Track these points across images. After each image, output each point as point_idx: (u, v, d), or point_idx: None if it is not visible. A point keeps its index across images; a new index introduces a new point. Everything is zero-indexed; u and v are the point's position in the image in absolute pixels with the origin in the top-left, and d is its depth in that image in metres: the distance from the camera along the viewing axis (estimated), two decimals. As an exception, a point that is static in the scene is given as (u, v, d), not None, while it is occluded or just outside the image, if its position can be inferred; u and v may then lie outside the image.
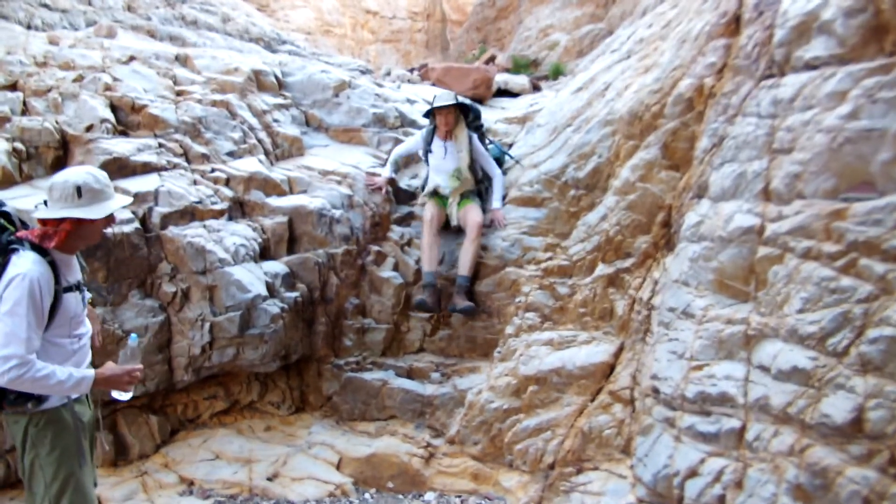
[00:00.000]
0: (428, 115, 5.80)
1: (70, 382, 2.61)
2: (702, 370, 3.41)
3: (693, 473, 3.25)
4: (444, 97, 5.61)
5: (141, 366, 2.90)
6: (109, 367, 2.79)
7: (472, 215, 5.35)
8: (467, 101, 5.71)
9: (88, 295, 3.02)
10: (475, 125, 5.78)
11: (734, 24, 4.10)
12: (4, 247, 2.60)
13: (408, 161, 6.28)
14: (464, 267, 5.20)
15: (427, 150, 5.73)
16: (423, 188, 5.85)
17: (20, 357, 2.49)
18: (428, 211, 5.50)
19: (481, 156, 5.67)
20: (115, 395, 2.92)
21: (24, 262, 2.54)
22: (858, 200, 2.88)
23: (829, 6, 3.15)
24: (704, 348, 3.44)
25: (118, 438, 4.60)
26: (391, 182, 5.89)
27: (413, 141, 5.98)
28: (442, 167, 5.59)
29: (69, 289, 2.72)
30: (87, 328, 2.92)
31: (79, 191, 2.64)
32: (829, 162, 3.00)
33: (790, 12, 3.40)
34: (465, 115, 5.68)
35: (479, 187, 5.68)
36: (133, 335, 3.02)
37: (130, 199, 2.95)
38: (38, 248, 2.61)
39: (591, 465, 3.98)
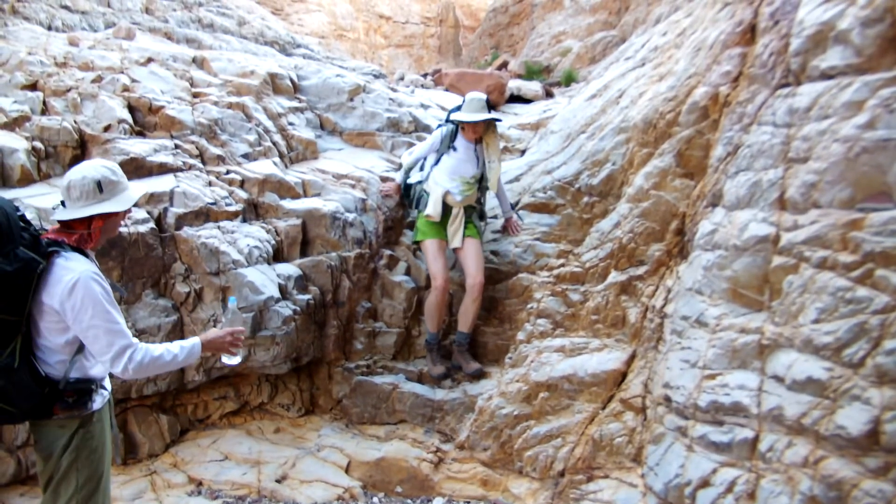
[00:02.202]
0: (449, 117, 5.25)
1: (183, 354, 2.70)
2: (715, 379, 3.39)
3: (705, 483, 3.23)
4: (476, 105, 4.98)
5: (243, 328, 2.94)
6: (213, 332, 2.86)
7: (475, 268, 4.95)
8: (497, 117, 5.17)
9: None
10: None
11: (750, 33, 4.09)
12: (44, 250, 2.54)
13: None
14: (465, 325, 5.00)
15: (448, 147, 5.13)
16: (416, 202, 5.28)
17: (130, 345, 2.56)
18: (437, 268, 4.96)
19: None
20: (225, 359, 2.98)
21: (77, 264, 2.54)
22: (875, 210, 2.86)
23: (846, 16, 3.14)
24: (718, 357, 3.42)
25: (128, 437, 4.63)
26: (402, 188, 5.64)
27: (428, 144, 5.33)
28: (459, 169, 5.09)
29: None
30: None
31: (99, 186, 2.64)
32: (845, 172, 2.98)
33: (806, 21, 3.39)
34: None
35: (481, 208, 5.36)
36: (232, 298, 3.07)
37: (144, 188, 2.97)
38: (79, 250, 2.63)
39: (601, 473, 3.96)
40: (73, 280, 2.49)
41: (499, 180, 5.23)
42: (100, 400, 2.75)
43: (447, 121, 5.29)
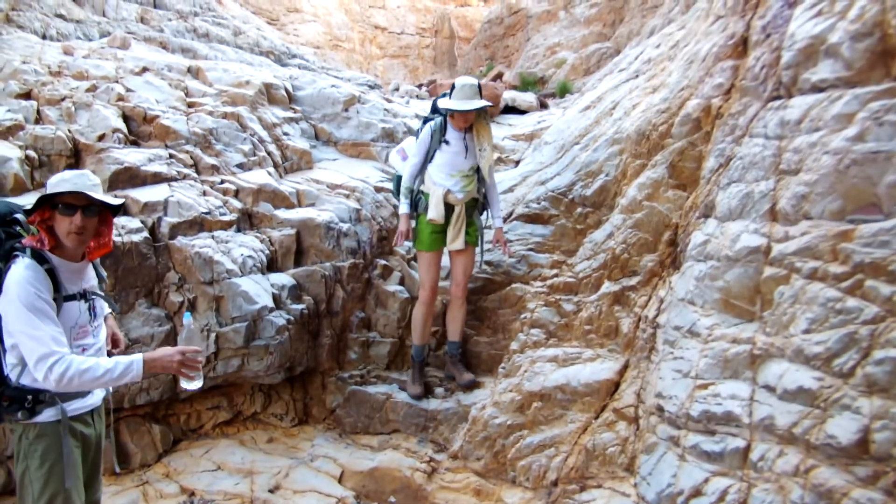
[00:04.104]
0: (436, 107, 4.91)
1: (118, 370, 2.52)
2: (707, 389, 3.40)
3: (697, 493, 3.23)
4: (468, 91, 4.61)
5: (199, 347, 2.70)
6: (161, 350, 2.65)
7: (462, 277, 4.87)
8: (488, 103, 4.78)
9: (106, 307, 2.98)
10: None
11: (742, 46, 4.13)
12: (7, 253, 2.58)
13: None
14: (454, 333, 5.00)
15: (440, 142, 4.78)
16: (415, 204, 4.91)
17: (51, 353, 2.45)
18: (428, 278, 4.86)
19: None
20: (184, 384, 2.73)
21: (17, 269, 2.52)
22: (865, 222, 2.88)
23: (837, 30, 3.18)
24: (710, 367, 3.43)
25: (120, 447, 4.60)
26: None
27: (417, 147, 4.91)
28: (456, 163, 4.77)
29: (71, 297, 2.66)
30: (95, 339, 2.81)
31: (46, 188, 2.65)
32: (835, 183, 3.01)
33: (797, 35, 3.43)
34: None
35: (482, 200, 5.01)
36: (187, 314, 2.85)
37: (95, 194, 2.66)
38: (39, 256, 2.58)
39: (594, 483, 3.96)
40: (8, 284, 2.50)
41: (490, 173, 4.92)
42: (50, 413, 2.64)
43: (433, 111, 4.96)
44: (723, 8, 4.59)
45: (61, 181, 2.63)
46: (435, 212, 4.77)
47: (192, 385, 2.71)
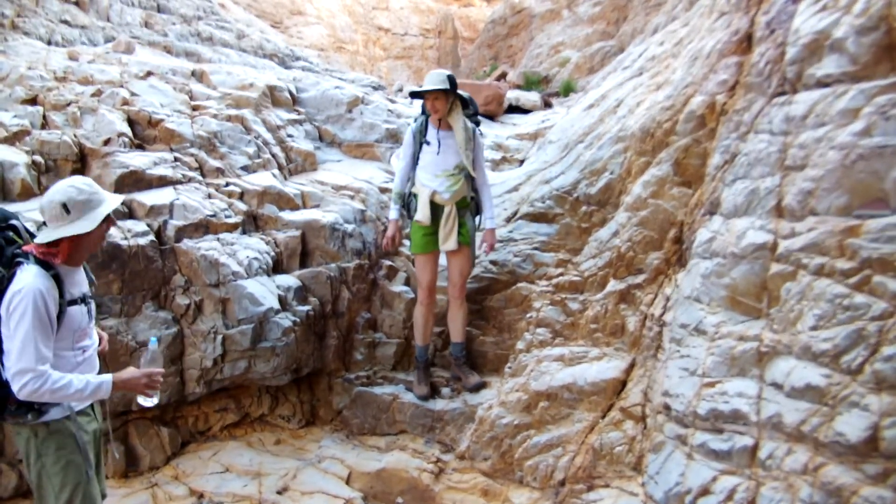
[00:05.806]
0: (416, 96, 4.85)
1: (89, 389, 2.65)
2: (714, 387, 3.39)
3: (705, 492, 3.22)
4: (432, 79, 4.59)
5: (162, 370, 2.90)
6: (128, 371, 2.82)
7: (458, 276, 4.83)
8: (463, 94, 4.80)
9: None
10: (473, 120, 4.92)
11: (746, 42, 4.12)
12: (10, 260, 2.63)
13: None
14: (456, 333, 4.96)
15: (421, 143, 4.75)
16: (407, 206, 4.92)
17: (33, 370, 2.52)
18: (424, 278, 4.84)
19: (479, 156, 4.85)
20: (141, 400, 2.94)
21: (27, 276, 2.56)
22: (872, 217, 2.87)
23: (841, 24, 3.16)
24: (717, 365, 3.42)
25: (129, 449, 4.62)
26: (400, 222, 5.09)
27: (405, 152, 4.90)
28: (439, 163, 4.72)
29: (74, 302, 2.74)
30: (91, 340, 2.93)
31: (65, 207, 2.64)
32: (841, 179, 2.99)
33: (802, 30, 3.41)
34: (462, 104, 4.76)
35: (477, 197, 4.93)
36: (153, 338, 3.03)
37: (120, 199, 2.91)
38: (43, 262, 2.64)
39: (601, 483, 3.95)
40: (17, 290, 2.54)
41: (478, 167, 4.82)
42: (57, 411, 2.71)
43: (423, 112, 4.88)
44: (726, 4, 4.57)
45: (98, 195, 2.77)
46: (421, 213, 4.75)
47: (149, 402, 2.95)
